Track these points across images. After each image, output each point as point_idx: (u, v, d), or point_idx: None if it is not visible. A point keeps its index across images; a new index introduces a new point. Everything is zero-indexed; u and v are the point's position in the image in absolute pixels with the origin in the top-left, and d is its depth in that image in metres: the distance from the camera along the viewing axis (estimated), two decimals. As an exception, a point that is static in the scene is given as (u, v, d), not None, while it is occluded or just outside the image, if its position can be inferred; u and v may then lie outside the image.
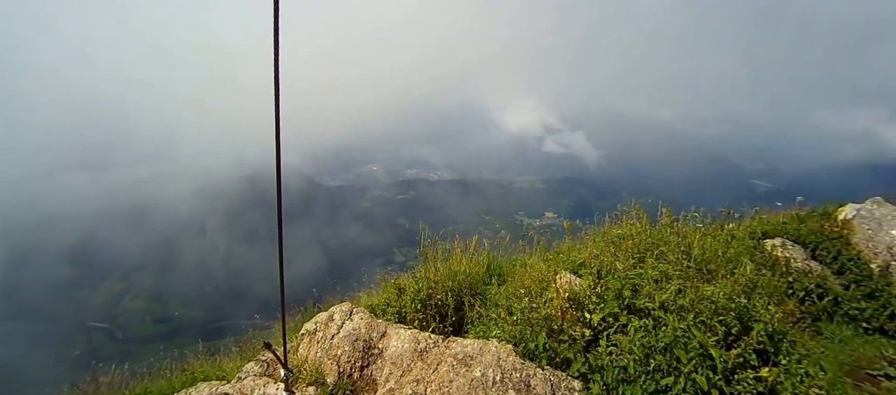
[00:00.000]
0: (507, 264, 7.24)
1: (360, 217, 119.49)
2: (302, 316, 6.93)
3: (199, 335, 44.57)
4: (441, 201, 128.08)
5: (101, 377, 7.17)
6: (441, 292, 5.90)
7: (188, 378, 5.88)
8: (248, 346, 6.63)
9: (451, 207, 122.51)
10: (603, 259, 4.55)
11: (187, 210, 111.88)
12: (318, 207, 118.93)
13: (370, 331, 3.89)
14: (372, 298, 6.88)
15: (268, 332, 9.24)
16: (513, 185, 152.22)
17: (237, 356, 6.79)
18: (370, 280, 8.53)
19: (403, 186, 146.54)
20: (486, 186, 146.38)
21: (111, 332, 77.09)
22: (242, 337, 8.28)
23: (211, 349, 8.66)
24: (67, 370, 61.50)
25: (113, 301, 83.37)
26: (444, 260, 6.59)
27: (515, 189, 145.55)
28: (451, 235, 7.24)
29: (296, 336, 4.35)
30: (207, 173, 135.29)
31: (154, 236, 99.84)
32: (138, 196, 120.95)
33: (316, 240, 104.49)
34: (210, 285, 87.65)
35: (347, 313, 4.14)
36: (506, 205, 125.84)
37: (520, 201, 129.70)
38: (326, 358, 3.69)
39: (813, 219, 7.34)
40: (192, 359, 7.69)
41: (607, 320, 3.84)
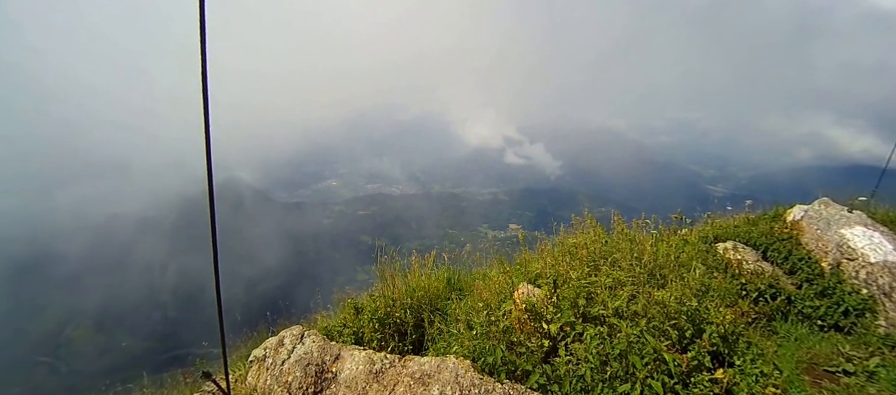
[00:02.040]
0: (468, 278, 7.24)
1: (320, 235, 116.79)
2: (253, 342, 6.63)
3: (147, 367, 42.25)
4: (404, 215, 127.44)
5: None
6: (400, 310, 5.81)
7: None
8: (195, 377, 6.27)
9: (414, 221, 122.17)
10: (559, 269, 4.63)
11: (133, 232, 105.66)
12: (274, 224, 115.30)
13: (323, 354, 3.75)
14: (328, 320, 6.68)
15: (216, 361, 8.78)
16: (476, 197, 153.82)
17: (184, 389, 6.41)
18: (328, 301, 8.30)
19: (365, 202, 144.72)
20: (450, 199, 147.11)
21: (53, 366, 71.20)
22: (190, 367, 7.85)
23: (158, 381, 8.15)
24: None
25: (54, 332, 77.10)
26: (402, 276, 6.52)
27: (479, 201, 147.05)
28: (414, 250, 7.19)
29: (244, 364, 4.14)
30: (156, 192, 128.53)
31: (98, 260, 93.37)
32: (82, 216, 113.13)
33: (272, 259, 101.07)
34: (159, 311, 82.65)
35: (299, 337, 3.98)
36: (470, 218, 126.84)
37: (483, 213, 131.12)
38: (277, 386, 3.52)
39: (763, 221, 7.74)
40: (137, 394, 7.21)
41: (564, 329, 3.89)
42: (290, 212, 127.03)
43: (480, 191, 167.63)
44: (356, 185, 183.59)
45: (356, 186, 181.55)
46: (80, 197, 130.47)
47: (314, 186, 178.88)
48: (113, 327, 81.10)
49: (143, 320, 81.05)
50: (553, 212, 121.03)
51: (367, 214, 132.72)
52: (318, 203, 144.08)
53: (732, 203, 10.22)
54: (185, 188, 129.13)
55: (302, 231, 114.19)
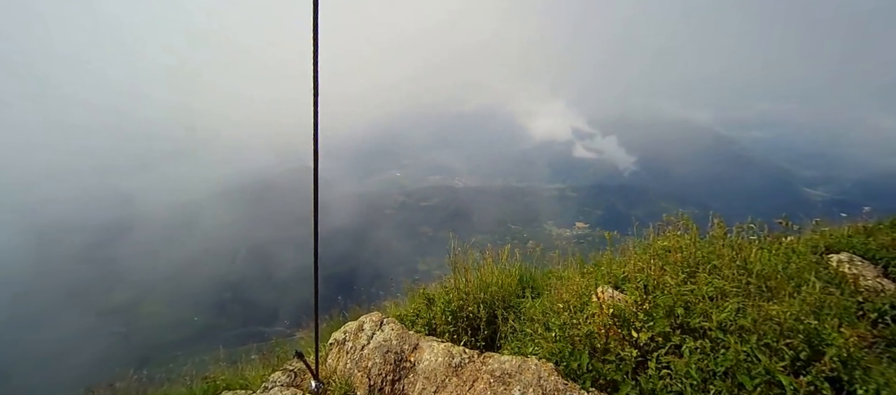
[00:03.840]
0: (541, 277, 7.10)
1: (382, 224, 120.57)
2: (328, 325, 6.94)
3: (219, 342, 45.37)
4: (465, 208, 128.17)
5: (117, 382, 7.32)
6: (472, 305, 5.82)
7: (210, 386, 5.96)
8: (272, 354, 6.68)
9: (475, 214, 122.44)
10: (650, 273, 4.38)
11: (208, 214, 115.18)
12: (339, 213, 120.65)
13: (401, 343, 3.84)
14: (400, 308, 6.85)
15: (291, 341, 9.33)
16: (541, 192, 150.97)
17: (259, 365, 6.86)
18: (395, 289, 8.52)
19: (426, 193, 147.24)
20: (513, 194, 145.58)
21: (128, 336, 79.66)
22: (265, 345, 8.35)
23: (232, 356, 8.82)
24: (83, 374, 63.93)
25: (129, 305, 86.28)
26: (475, 270, 6.52)
27: (544, 197, 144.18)
28: (480, 244, 7.17)
29: (324, 346, 4.34)
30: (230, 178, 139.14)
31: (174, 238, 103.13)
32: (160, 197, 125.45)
33: (338, 246, 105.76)
34: (229, 290, 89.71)
35: (378, 324, 4.11)
36: (533, 214, 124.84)
37: (549, 209, 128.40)
38: (356, 370, 3.66)
39: (883, 232, 6.87)
40: (212, 366, 7.81)
41: (656, 339, 3.68)
42: (355, 201, 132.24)
43: (546, 186, 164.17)
44: (419, 176, 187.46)
45: (419, 177, 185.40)
46: (158, 179, 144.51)
47: (378, 176, 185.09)
48: (185, 303, 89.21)
49: (214, 297, 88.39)
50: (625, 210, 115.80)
51: (429, 205, 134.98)
52: (381, 193, 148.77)
53: (839, 208, 9.15)
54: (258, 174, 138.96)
55: (366, 220, 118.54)
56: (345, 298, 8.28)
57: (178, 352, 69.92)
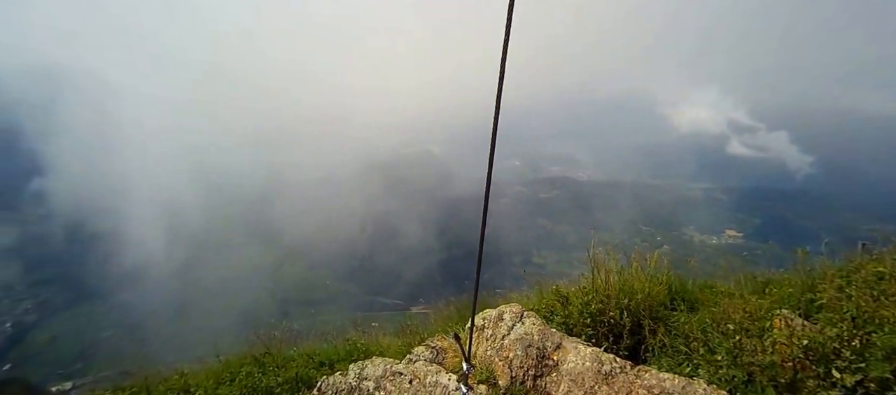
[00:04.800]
0: (695, 290, 6.47)
1: (498, 213, 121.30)
2: (455, 309, 7.17)
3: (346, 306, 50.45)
4: (588, 203, 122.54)
5: (274, 331, 8.39)
6: (614, 310, 5.53)
7: (352, 348, 6.57)
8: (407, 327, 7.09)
9: (600, 211, 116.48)
10: (859, 303, 3.69)
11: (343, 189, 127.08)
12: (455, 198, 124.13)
13: (544, 339, 3.79)
14: (529, 302, 6.80)
15: (405, 314, 9.81)
16: (681, 192, 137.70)
17: (392, 335, 7.38)
18: (509, 280, 8.47)
19: (546, 185, 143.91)
20: (647, 192, 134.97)
21: (272, 291, 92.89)
22: (392, 316, 8.93)
23: (356, 321, 9.63)
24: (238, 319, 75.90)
25: (276, 265, 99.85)
26: (617, 273, 6.18)
27: (684, 197, 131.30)
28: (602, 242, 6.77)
29: (462, 329, 4.50)
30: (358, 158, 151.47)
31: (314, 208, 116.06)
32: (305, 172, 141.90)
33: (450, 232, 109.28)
34: (357, 261, 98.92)
35: (518, 316, 4.11)
36: (671, 216, 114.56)
37: (690, 212, 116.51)
38: (497, 358, 3.72)
39: None
40: (347, 329, 8.61)
41: (867, 385, 3.09)
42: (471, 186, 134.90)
43: (688, 185, 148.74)
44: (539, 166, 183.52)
45: (539, 167, 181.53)
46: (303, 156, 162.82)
47: (496, 163, 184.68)
48: (321, 267, 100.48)
49: (344, 265, 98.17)
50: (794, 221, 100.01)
51: (548, 197, 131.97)
52: (498, 181, 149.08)
53: None
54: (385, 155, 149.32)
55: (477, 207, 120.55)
56: (459, 283, 8.50)
57: (312, 310, 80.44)
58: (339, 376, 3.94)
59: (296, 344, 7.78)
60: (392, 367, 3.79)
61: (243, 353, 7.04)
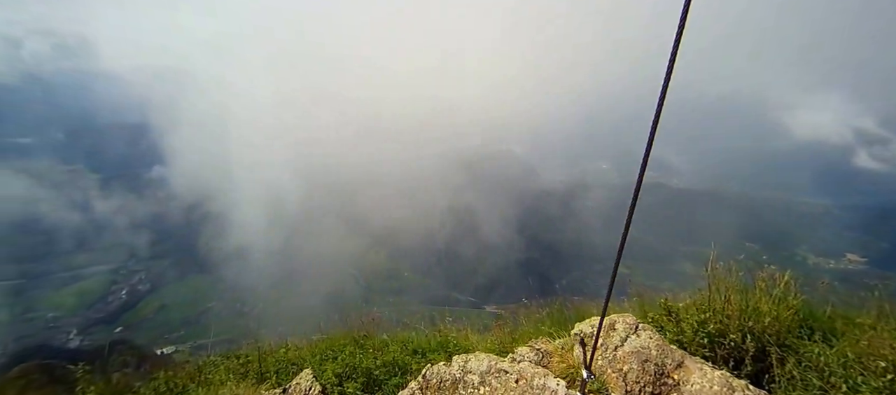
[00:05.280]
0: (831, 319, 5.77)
1: (581, 217, 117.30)
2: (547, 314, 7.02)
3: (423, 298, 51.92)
4: (682, 213, 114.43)
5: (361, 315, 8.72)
6: (736, 332, 5.08)
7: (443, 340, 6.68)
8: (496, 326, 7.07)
9: (695, 223, 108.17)
10: None
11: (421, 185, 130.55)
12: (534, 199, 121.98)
13: (662, 355, 3.57)
14: (625, 314, 6.47)
15: (474, 313, 9.75)
16: (794, 207, 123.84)
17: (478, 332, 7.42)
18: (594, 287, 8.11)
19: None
20: (751, 204, 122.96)
21: (356, 277, 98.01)
22: (465, 312, 8.89)
23: (432, 314, 9.77)
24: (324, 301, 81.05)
25: (361, 252, 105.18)
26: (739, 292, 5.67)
27: (797, 213, 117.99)
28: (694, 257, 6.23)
29: (568, 333, 4.39)
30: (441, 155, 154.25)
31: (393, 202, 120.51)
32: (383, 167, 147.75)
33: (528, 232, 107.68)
34: (434, 256, 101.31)
35: (632, 327, 3.92)
36: (780, 233, 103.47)
37: (804, 231, 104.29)
38: (610, 370, 3.57)
39: None
40: (428, 322, 8.77)
41: None
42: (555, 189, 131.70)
43: (804, 200, 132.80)
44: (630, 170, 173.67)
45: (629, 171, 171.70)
46: (393, 150, 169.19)
47: (583, 166, 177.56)
48: (401, 257, 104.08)
49: (422, 258, 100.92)
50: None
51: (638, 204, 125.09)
52: (583, 184, 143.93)
53: None
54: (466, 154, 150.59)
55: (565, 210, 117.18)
56: (535, 283, 8.28)
57: (390, 299, 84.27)
58: (443, 365, 4.01)
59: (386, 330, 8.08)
60: (497, 364, 3.78)
61: (343, 333, 7.44)
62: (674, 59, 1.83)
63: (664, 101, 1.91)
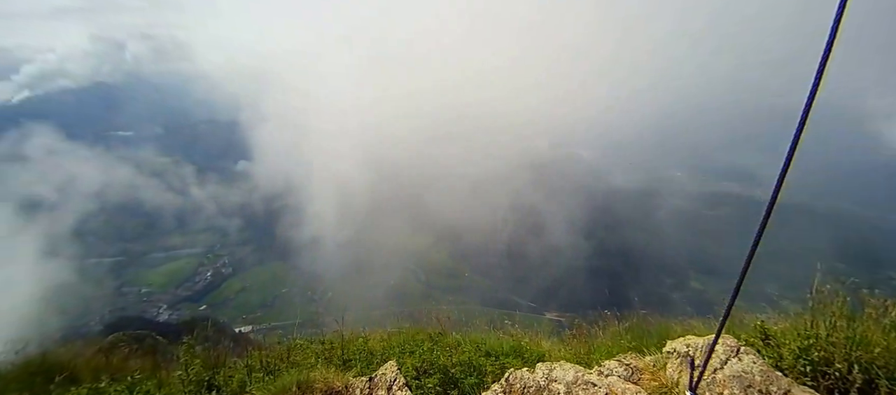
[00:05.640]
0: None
1: (651, 226, 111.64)
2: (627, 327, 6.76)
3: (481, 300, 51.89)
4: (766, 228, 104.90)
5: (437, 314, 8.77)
6: (841, 362, 4.64)
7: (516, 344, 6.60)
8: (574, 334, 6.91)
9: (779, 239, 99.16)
10: None
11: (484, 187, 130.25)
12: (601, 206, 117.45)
13: (767, 382, 3.33)
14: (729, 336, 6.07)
15: (534, 319, 9.52)
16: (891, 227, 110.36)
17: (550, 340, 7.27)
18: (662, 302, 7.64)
19: (714, 200, 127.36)
20: (847, 222, 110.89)
21: (416, 273, 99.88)
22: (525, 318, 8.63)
23: (491, 316, 9.64)
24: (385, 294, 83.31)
25: (424, 250, 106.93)
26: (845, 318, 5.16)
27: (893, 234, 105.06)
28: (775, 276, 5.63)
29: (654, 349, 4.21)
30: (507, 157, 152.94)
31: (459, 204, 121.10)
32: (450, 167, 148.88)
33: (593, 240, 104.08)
34: (494, 258, 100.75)
35: (733, 350, 3.68)
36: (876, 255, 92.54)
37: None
38: (709, 394, 3.38)
39: None
40: (499, 325, 8.68)
41: None
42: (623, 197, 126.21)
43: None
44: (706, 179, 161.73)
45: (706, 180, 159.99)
46: (462, 150, 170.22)
47: (654, 172, 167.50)
48: (462, 257, 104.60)
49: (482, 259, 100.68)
50: None
51: (715, 215, 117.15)
52: (653, 192, 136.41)
53: None
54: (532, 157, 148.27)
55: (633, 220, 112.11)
56: (599, 292, 7.93)
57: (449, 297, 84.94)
58: (526, 372, 3.98)
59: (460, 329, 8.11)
60: (583, 375, 3.70)
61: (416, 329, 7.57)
62: (824, 65, 1.72)
63: (810, 111, 1.79)
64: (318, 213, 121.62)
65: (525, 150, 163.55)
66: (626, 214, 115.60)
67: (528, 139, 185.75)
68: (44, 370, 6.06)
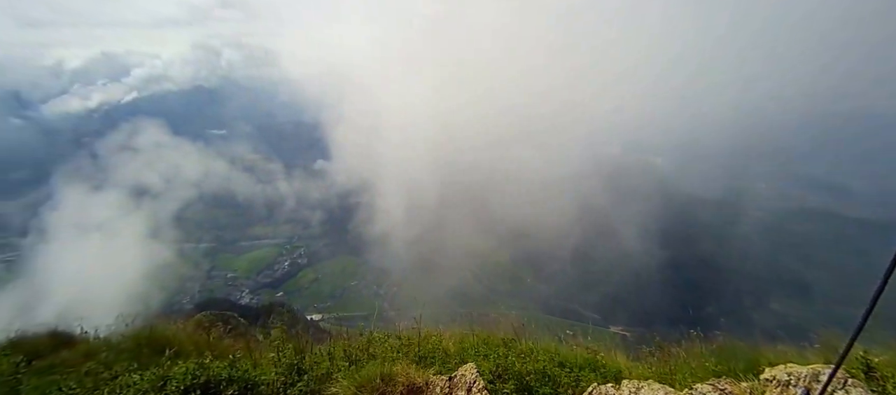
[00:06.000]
0: None
1: (731, 241, 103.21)
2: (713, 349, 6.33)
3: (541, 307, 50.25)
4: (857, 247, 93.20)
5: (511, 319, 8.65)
6: (973, 407, 4.08)
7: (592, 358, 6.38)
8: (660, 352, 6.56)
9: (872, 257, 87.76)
10: None
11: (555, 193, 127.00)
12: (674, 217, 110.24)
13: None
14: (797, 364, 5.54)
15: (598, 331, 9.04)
16: None
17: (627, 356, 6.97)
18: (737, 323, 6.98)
19: (799, 216, 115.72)
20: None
21: (476, 274, 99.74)
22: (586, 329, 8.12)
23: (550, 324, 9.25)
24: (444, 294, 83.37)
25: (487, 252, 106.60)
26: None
27: None
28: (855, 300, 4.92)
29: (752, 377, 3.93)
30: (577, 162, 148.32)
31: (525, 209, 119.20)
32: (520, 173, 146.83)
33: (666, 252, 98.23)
34: (558, 264, 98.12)
35: (841, 382, 3.37)
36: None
37: None
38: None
39: None
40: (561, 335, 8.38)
41: None
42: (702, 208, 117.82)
43: None
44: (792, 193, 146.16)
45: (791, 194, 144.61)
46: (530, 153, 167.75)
47: (737, 184, 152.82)
48: (523, 262, 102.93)
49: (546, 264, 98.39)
50: None
51: (802, 231, 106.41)
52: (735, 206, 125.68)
53: None
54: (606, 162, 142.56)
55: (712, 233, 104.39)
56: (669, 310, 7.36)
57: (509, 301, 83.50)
58: (610, 388, 3.88)
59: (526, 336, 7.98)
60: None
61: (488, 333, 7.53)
62: None
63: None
64: (388, 211, 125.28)
65: (596, 154, 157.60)
66: (703, 225, 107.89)
67: (600, 144, 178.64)
68: (150, 343, 6.64)
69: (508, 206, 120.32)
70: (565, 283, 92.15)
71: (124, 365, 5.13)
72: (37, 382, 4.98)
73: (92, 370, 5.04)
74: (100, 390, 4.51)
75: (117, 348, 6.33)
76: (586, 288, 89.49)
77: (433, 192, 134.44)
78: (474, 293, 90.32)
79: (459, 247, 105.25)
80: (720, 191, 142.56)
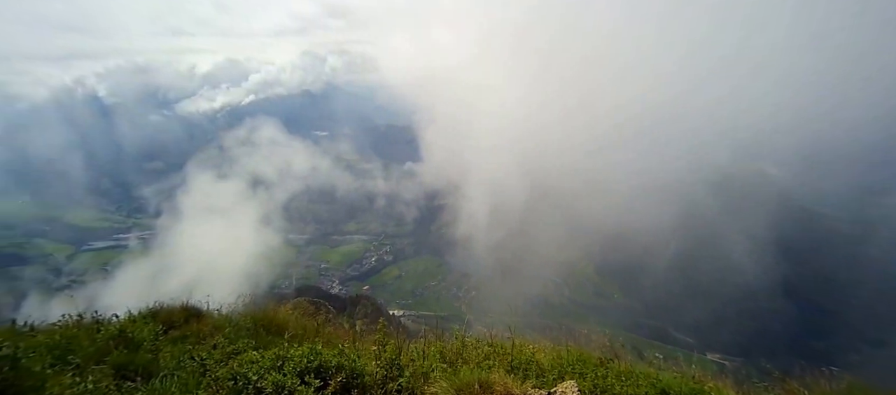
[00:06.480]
0: None
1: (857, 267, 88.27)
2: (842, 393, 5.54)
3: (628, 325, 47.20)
4: None
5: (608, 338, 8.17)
6: None
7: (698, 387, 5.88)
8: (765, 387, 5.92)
9: None
10: None
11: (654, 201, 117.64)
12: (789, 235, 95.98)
13: None
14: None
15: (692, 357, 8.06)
16: None
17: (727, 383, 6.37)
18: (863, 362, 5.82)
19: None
20: None
21: (560, 285, 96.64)
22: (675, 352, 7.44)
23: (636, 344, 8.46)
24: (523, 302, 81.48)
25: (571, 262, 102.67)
26: None
27: None
28: None
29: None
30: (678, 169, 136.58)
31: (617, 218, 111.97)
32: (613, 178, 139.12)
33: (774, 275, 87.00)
34: (650, 280, 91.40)
35: None
36: None
37: None
38: None
39: None
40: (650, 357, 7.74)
41: None
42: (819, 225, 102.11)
43: None
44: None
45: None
46: (625, 157, 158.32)
47: (869, 200, 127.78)
48: (610, 275, 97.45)
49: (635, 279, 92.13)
50: None
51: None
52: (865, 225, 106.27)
53: None
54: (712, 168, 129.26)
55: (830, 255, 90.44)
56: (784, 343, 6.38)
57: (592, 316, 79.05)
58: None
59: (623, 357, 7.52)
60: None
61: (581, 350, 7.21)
62: None
63: None
64: (473, 214, 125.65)
65: (701, 161, 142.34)
66: (824, 249, 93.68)
67: (706, 149, 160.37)
68: (265, 324, 7.24)
69: (599, 214, 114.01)
70: (655, 301, 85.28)
71: (244, 342, 5.57)
72: (172, 349, 5.53)
73: (219, 343, 5.60)
74: (226, 363, 4.97)
75: (238, 325, 6.87)
76: (680, 308, 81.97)
77: (520, 196, 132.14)
78: (555, 304, 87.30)
79: (543, 255, 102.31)
80: (848, 207, 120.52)
